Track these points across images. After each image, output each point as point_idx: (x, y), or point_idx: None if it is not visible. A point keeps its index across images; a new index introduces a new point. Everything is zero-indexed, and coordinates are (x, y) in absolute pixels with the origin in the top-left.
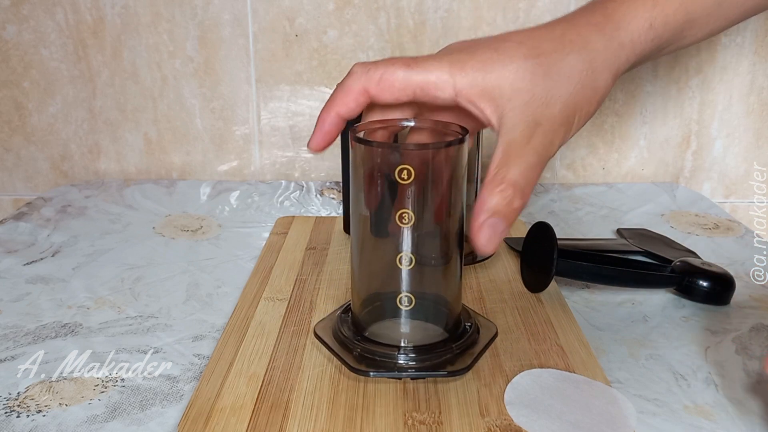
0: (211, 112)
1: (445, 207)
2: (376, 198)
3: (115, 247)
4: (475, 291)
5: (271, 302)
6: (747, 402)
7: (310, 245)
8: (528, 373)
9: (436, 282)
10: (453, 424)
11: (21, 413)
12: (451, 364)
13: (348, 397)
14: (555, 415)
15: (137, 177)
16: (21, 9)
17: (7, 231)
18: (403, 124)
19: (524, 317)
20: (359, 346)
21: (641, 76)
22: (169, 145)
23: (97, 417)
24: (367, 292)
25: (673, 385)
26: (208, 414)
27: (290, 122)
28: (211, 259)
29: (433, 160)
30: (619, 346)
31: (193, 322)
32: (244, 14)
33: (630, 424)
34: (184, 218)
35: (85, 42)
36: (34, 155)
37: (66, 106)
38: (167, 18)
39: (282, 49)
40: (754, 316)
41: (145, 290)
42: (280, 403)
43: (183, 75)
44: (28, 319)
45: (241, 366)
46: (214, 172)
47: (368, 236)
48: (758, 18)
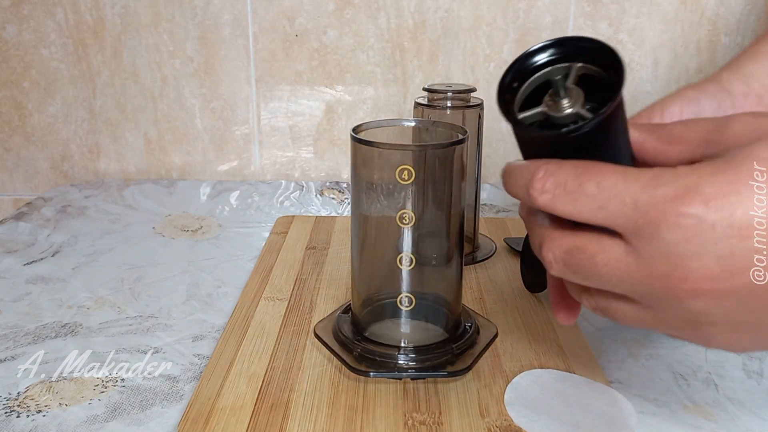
0: (211, 112)
1: (445, 207)
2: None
3: (115, 247)
4: (475, 291)
5: (271, 302)
6: (747, 402)
7: (310, 245)
8: (528, 373)
9: (436, 282)
10: (453, 424)
11: (21, 413)
12: (451, 365)
13: (348, 397)
14: (555, 415)
15: (137, 177)
16: (21, 9)
17: (7, 231)
18: (403, 124)
19: (524, 317)
20: (359, 346)
21: (641, 76)
22: (169, 145)
23: (97, 417)
24: (367, 292)
25: (673, 385)
26: (208, 414)
27: (290, 122)
28: (211, 259)
29: (433, 160)
30: (619, 346)
31: (193, 322)
32: (244, 14)
33: (630, 424)
34: (184, 218)
35: (85, 42)
36: (34, 155)
37: (66, 106)
38: (167, 18)
39: (282, 49)
40: None
41: (145, 290)
42: (280, 403)
43: (183, 75)
44: (28, 319)
45: (241, 366)
46: (214, 172)
47: (368, 236)
48: (758, 18)
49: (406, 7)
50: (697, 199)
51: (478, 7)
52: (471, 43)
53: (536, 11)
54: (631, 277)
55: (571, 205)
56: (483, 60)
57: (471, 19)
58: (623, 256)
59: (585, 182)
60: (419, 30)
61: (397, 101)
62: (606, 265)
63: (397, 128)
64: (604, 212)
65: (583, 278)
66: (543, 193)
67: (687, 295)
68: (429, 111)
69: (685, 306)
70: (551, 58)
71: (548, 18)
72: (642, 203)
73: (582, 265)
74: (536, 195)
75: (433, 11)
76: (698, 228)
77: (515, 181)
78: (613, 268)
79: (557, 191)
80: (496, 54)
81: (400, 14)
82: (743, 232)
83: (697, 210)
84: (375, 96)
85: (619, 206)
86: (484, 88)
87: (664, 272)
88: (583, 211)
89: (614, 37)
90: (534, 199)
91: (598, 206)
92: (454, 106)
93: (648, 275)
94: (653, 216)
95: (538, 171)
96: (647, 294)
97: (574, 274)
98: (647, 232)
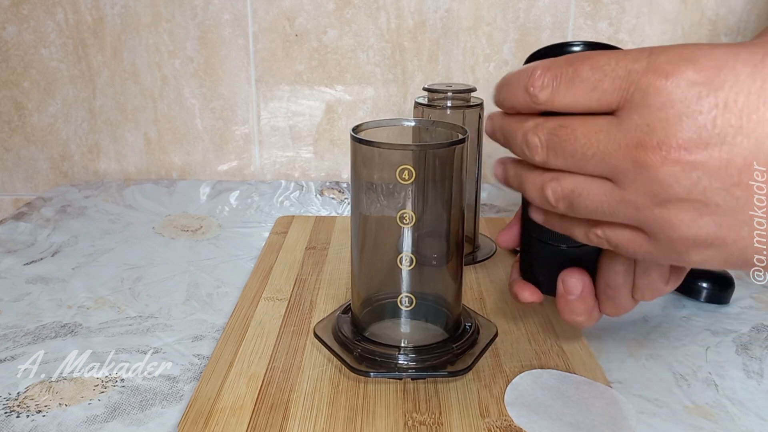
0: (211, 112)
1: (445, 207)
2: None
3: (115, 247)
4: (475, 291)
5: (271, 302)
6: (747, 402)
7: (310, 245)
8: (528, 373)
9: (437, 282)
10: (453, 424)
11: (21, 413)
12: (452, 365)
13: (348, 397)
14: (555, 415)
15: (137, 177)
16: (21, 9)
17: (7, 231)
18: (403, 124)
19: (524, 317)
20: (359, 346)
21: None
22: (169, 145)
23: (97, 417)
24: (367, 292)
25: (673, 385)
26: (208, 414)
27: (290, 122)
28: (211, 259)
29: (433, 160)
30: (619, 346)
31: (193, 322)
32: (244, 14)
33: (630, 425)
34: (184, 218)
35: (85, 42)
36: (34, 155)
37: (66, 106)
38: (167, 18)
39: (282, 49)
40: (754, 316)
41: (145, 290)
42: (280, 403)
43: (183, 75)
44: (28, 319)
45: (241, 366)
46: (214, 172)
47: (368, 236)
48: (758, 18)
49: (406, 7)
50: (690, 68)
51: (478, 7)
52: (471, 43)
53: (536, 11)
54: (607, 147)
55: (570, 93)
56: (483, 60)
57: (471, 19)
58: (604, 127)
59: (579, 67)
60: (419, 30)
61: (397, 101)
62: (585, 135)
63: (397, 128)
64: (599, 91)
65: (563, 157)
66: (543, 89)
67: (658, 163)
68: (429, 111)
69: (654, 175)
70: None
71: (548, 18)
72: (634, 72)
73: (564, 139)
74: (537, 92)
75: (433, 11)
76: (684, 94)
77: (514, 88)
78: (591, 139)
79: (555, 83)
80: (496, 54)
81: (400, 14)
82: (729, 106)
83: (688, 76)
84: (375, 96)
85: (611, 81)
86: (484, 87)
87: (641, 139)
88: (580, 96)
89: (614, 37)
90: (535, 97)
91: (592, 87)
92: (454, 106)
93: (624, 144)
94: (643, 83)
95: (535, 70)
96: (618, 165)
97: (555, 154)
98: (635, 100)
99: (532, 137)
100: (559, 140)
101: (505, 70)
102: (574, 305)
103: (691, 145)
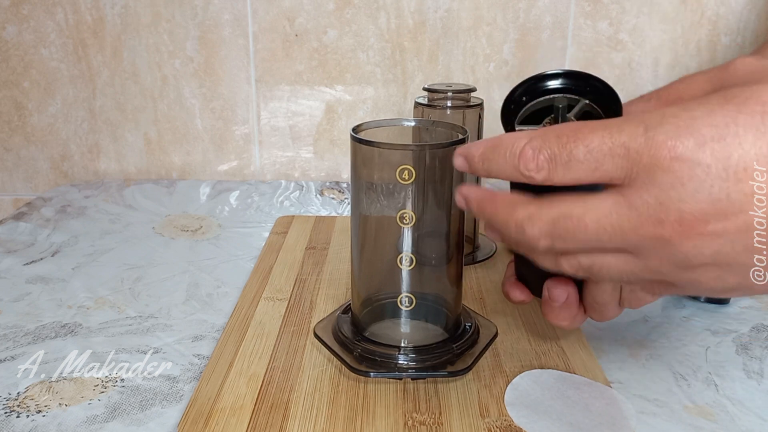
0: (211, 112)
1: (445, 207)
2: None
3: (115, 247)
4: (475, 291)
5: (271, 302)
6: (747, 402)
7: (310, 245)
8: (528, 373)
9: (437, 282)
10: (453, 424)
11: (21, 413)
12: (452, 365)
13: (348, 397)
14: (555, 415)
15: (137, 177)
16: (21, 9)
17: (7, 231)
18: (403, 124)
19: (524, 317)
20: (359, 346)
21: (641, 76)
22: (169, 145)
23: (97, 417)
24: (367, 292)
25: (673, 385)
26: (208, 414)
27: (290, 122)
28: (211, 259)
29: (433, 160)
30: (620, 347)
31: (193, 322)
32: (244, 14)
33: (630, 425)
34: (184, 218)
35: (85, 42)
36: (34, 155)
37: (66, 106)
38: (167, 18)
39: (282, 49)
40: (754, 316)
41: (145, 290)
42: (280, 403)
43: (183, 75)
44: (28, 319)
45: (241, 366)
46: (214, 172)
47: (368, 236)
48: (758, 18)
49: (406, 7)
50: (690, 140)
51: (478, 7)
52: (471, 43)
53: (536, 11)
54: (623, 228)
55: (569, 174)
56: (483, 60)
57: (471, 19)
58: (613, 209)
59: (573, 150)
60: (419, 30)
61: (397, 101)
62: (596, 221)
63: (397, 128)
64: (600, 171)
65: (573, 243)
66: (539, 171)
67: (680, 238)
68: (429, 111)
69: (678, 249)
70: (562, 86)
71: (548, 18)
72: (633, 152)
73: (571, 230)
74: (533, 174)
75: (433, 11)
76: (693, 171)
77: (501, 165)
78: (603, 224)
79: (550, 165)
80: (496, 54)
81: (400, 14)
82: (740, 176)
83: (693, 153)
84: (375, 96)
85: (612, 161)
86: (484, 87)
87: (658, 217)
88: (581, 176)
89: (614, 36)
90: (531, 179)
91: (593, 168)
92: (454, 105)
93: (640, 223)
94: (646, 162)
95: (524, 151)
96: (639, 243)
97: (563, 241)
98: (641, 179)
99: (530, 229)
100: (565, 230)
101: (505, 69)
102: (558, 311)
103: (710, 218)
